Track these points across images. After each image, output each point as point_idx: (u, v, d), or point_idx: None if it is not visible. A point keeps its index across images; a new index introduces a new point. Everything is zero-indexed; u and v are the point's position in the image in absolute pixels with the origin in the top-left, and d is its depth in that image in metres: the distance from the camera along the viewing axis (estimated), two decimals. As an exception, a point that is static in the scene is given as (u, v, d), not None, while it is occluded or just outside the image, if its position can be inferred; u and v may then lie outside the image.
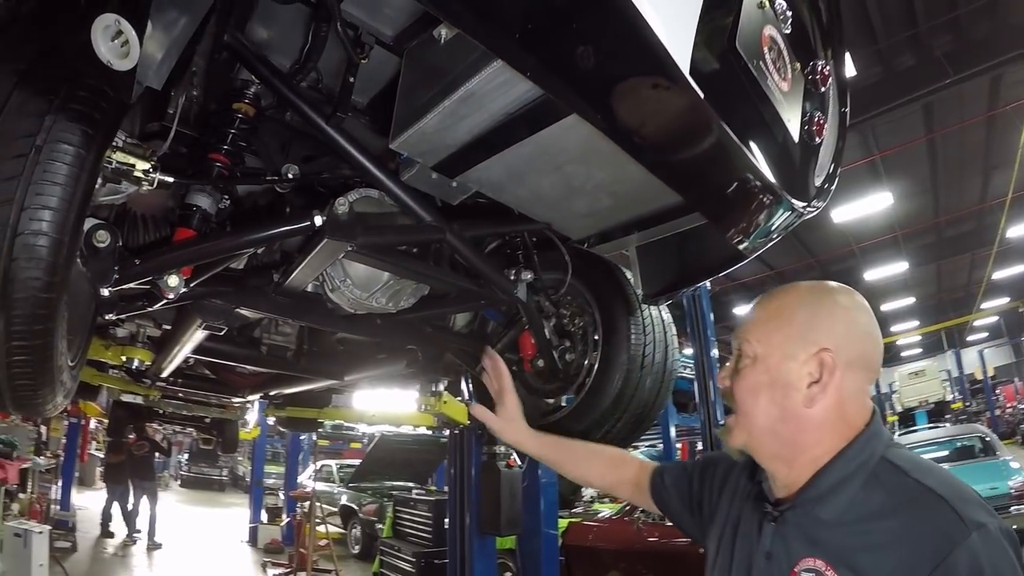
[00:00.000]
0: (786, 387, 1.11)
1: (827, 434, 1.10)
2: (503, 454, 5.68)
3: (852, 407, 1.11)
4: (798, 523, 1.09)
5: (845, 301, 1.15)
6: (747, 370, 1.16)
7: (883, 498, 1.01)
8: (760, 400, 1.14)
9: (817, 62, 1.64)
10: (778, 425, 1.12)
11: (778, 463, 1.15)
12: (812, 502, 1.08)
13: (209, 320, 1.85)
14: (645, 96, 1.16)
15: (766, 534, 1.14)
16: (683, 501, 1.46)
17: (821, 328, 1.11)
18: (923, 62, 10.17)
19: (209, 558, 10.72)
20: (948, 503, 0.95)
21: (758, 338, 1.16)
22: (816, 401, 1.09)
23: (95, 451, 18.52)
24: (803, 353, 1.10)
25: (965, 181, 15.08)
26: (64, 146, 1.04)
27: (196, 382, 4.11)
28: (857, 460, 1.06)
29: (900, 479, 1.02)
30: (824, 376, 1.08)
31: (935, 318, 25.75)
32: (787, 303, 1.18)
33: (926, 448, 10.61)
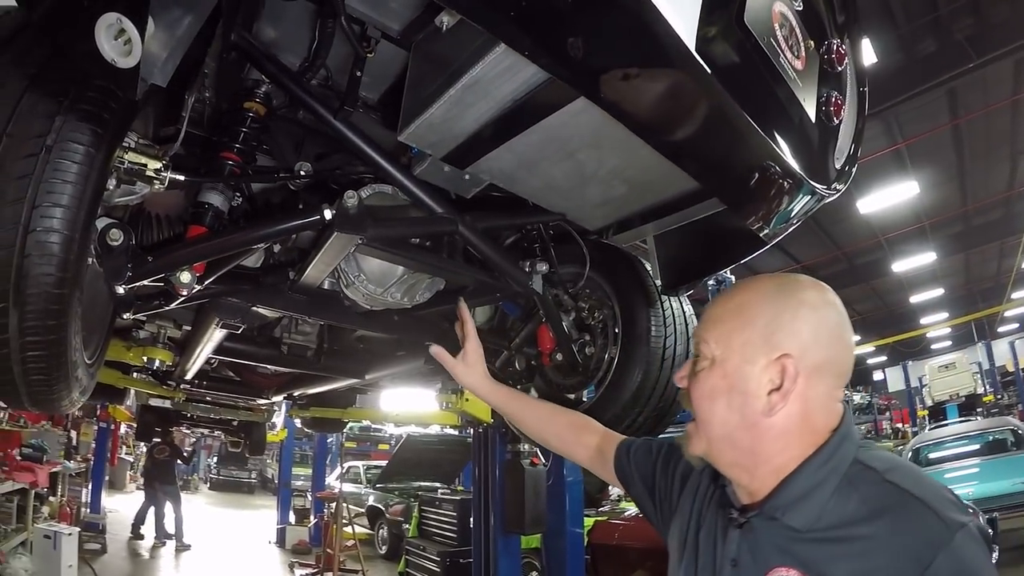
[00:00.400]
0: (745, 394, 1.02)
1: (791, 443, 1.02)
2: (527, 452, 5.67)
3: (819, 415, 1.02)
4: (767, 530, 1.02)
5: (813, 300, 1.05)
6: (704, 373, 1.08)
7: (858, 503, 0.95)
8: (717, 407, 1.06)
9: (832, 41, 1.60)
10: (737, 433, 1.04)
11: (738, 471, 1.08)
12: (780, 510, 1.01)
13: (226, 318, 1.86)
14: (650, 73, 1.15)
15: (732, 540, 1.07)
16: (645, 484, 1.39)
17: (784, 330, 1.02)
18: (945, 47, 9.97)
19: (237, 559, 10.84)
20: (927, 505, 0.90)
21: (716, 339, 1.07)
22: (776, 409, 1.00)
23: (125, 455, 18.83)
24: (764, 358, 1.02)
25: (992, 167, 14.77)
26: (74, 145, 1.07)
27: (221, 384, 4.19)
28: (827, 467, 0.99)
29: (875, 483, 0.96)
30: (785, 383, 1.00)
31: (965, 309, 25.26)
32: (749, 301, 1.08)
33: (957, 442, 10.42)
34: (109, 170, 1.18)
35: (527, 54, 1.04)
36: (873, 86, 1.98)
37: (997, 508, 7.38)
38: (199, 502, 18.34)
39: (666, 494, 1.32)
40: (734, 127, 1.29)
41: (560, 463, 5.82)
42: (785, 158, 1.43)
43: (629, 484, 1.44)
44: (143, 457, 14.03)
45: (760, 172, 1.47)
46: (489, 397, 1.69)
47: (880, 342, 26.09)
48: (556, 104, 1.30)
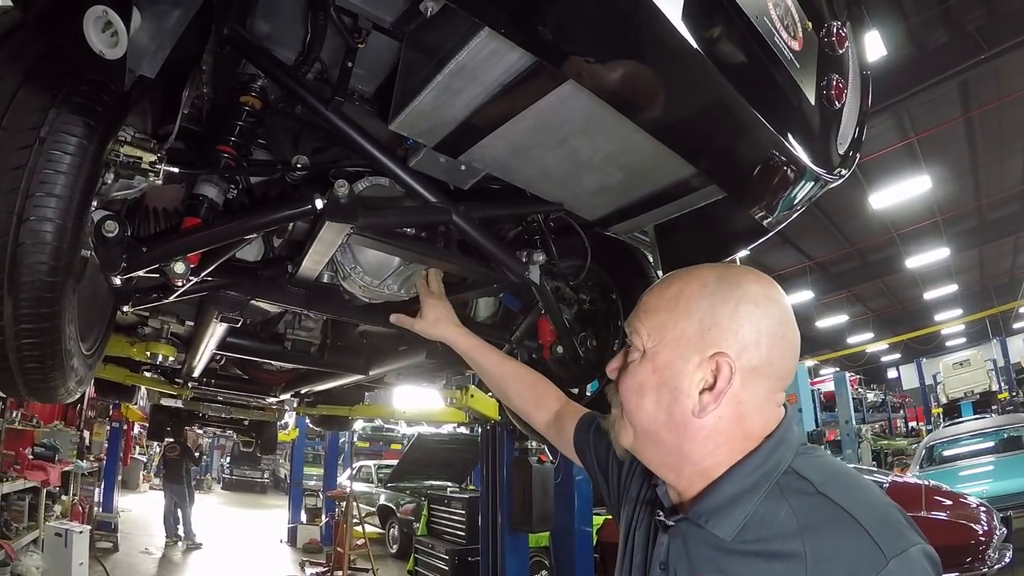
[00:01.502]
0: (675, 391, 0.96)
1: (720, 446, 0.96)
2: (535, 450, 5.66)
3: (754, 419, 0.96)
4: (693, 535, 0.97)
5: (755, 295, 0.96)
6: (634, 366, 1.01)
7: (788, 516, 0.87)
8: (645, 402, 0.99)
9: (832, 23, 1.57)
10: (663, 431, 0.98)
11: (664, 469, 1.02)
12: (705, 516, 0.95)
13: (224, 311, 1.87)
14: (631, 50, 1.13)
15: (661, 543, 1.03)
16: (599, 463, 1.35)
17: (721, 326, 0.95)
18: (956, 38, 9.86)
19: (248, 558, 10.92)
20: (862, 526, 0.82)
21: (649, 330, 1.00)
22: (708, 410, 0.94)
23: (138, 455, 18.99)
24: (698, 355, 0.95)
25: (1005, 161, 14.61)
26: (67, 136, 1.10)
27: (229, 382, 4.22)
28: (757, 473, 0.93)
29: (808, 495, 0.89)
30: (719, 383, 0.93)
31: (979, 306, 25.01)
32: (687, 291, 1.00)
33: (972, 439, 10.33)
34: (102, 161, 1.20)
35: (504, 32, 1.04)
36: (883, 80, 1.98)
37: (1012, 506, 7.32)
38: (212, 502, 18.49)
39: (617, 478, 1.28)
40: (726, 107, 1.27)
41: (569, 461, 5.78)
42: (783, 141, 1.41)
43: (584, 460, 1.41)
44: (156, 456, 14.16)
45: (757, 156, 1.46)
46: (455, 343, 1.70)
47: (894, 339, 25.97)
48: (544, 88, 1.29)
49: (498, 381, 1.64)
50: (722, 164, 1.49)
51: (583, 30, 1.08)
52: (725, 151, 1.44)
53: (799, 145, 1.46)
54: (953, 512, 5.72)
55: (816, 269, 19.18)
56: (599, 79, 1.15)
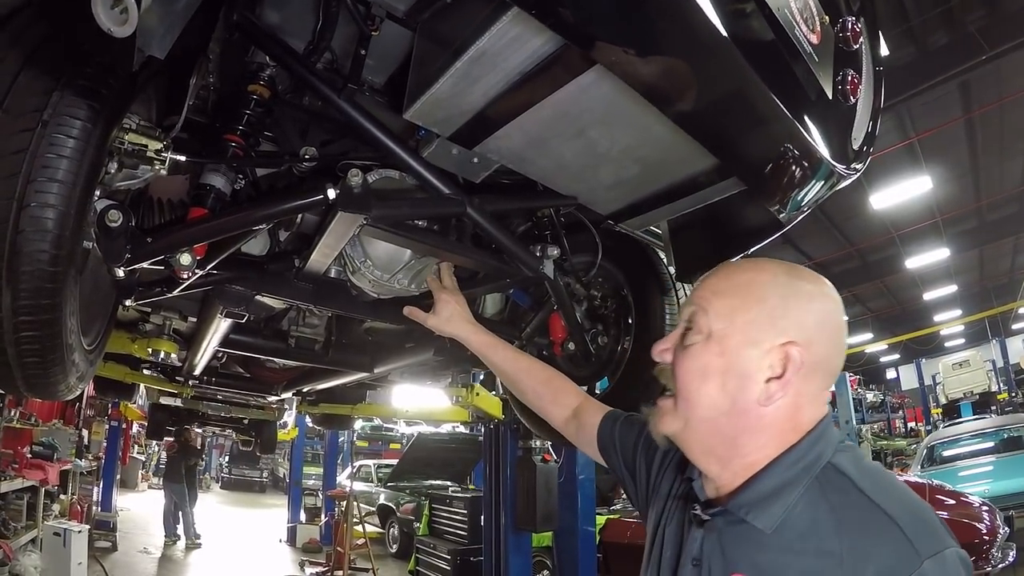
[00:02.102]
0: (743, 377, 0.94)
1: (773, 438, 0.95)
2: (539, 449, 5.64)
3: (806, 413, 0.96)
4: (730, 530, 0.96)
5: (820, 292, 0.98)
6: (697, 348, 0.98)
7: (826, 512, 0.88)
8: (708, 386, 0.97)
9: (848, 18, 1.55)
10: (723, 419, 0.96)
11: (710, 460, 1.00)
12: (745, 508, 0.94)
13: (230, 306, 1.83)
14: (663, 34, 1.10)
15: (694, 538, 1.01)
16: (625, 461, 1.33)
17: (792, 317, 0.95)
18: (957, 39, 9.86)
19: (247, 557, 10.87)
20: (899, 526, 0.82)
21: (718, 312, 0.98)
22: (774, 399, 0.93)
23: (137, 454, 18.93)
24: (768, 341, 0.94)
25: (1006, 162, 14.60)
26: (70, 120, 1.06)
27: (230, 380, 4.18)
28: (799, 465, 0.93)
29: (846, 492, 0.89)
30: (788, 372, 0.92)
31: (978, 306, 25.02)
32: (759, 280, 0.99)
33: (972, 439, 10.31)
34: (107, 147, 1.17)
35: (535, 13, 1.00)
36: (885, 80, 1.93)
37: (1013, 506, 7.30)
38: (211, 501, 18.42)
39: (646, 475, 1.26)
40: (751, 97, 1.24)
41: (572, 460, 5.79)
42: (804, 134, 1.38)
43: (609, 459, 1.38)
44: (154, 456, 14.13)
45: (779, 148, 1.42)
46: (469, 341, 1.68)
47: (893, 340, 25.96)
48: (566, 77, 1.25)
49: (513, 378, 1.62)
50: (744, 156, 1.46)
51: (615, 13, 1.04)
52: (748, 142, 1.41)
53: (818, 139, 1.44)
54: (956, 511, 5.70)
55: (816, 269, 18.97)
56: (628, 64, 1.11)
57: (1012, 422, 10.44)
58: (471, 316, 1.72)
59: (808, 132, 1.40)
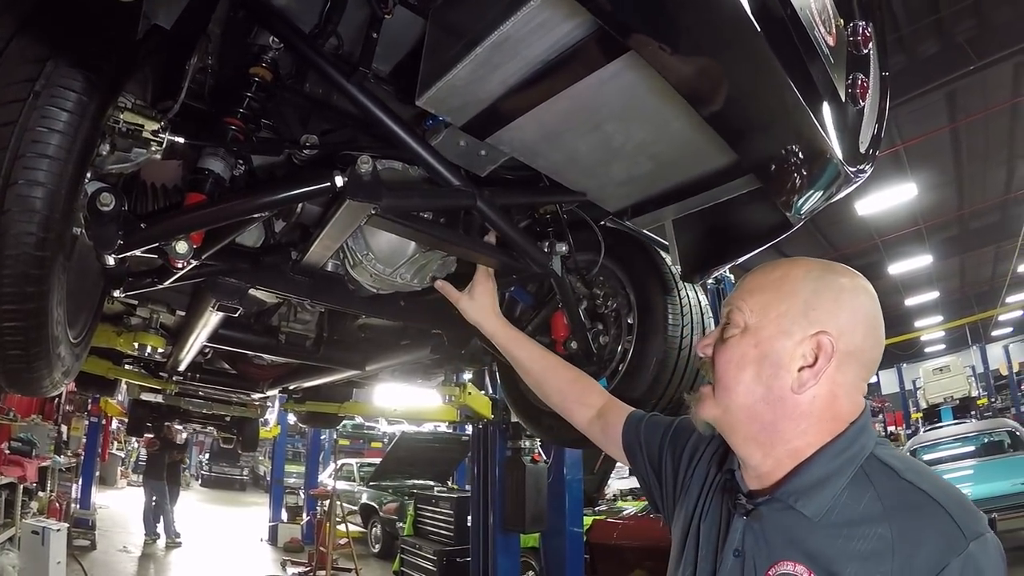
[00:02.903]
0: (776, 365, 0.99)
1: (812, 426, 0.99)
2: (528, 449, 5.60)
3: (843, 403, 1.00)
4: (775, 519, 0.98)
5: (855, 286, 1.03)
6: (734, 340, 1.04)
7: (873, 500, 0.92)
8: (744, 375, 1.02)
9: (859, 23, 1.55)
10: (760, 406, 1.01)
11: (752, 447, 1.04)
12: (793, 496, 0.97)
13: (223, 299, 1.76)
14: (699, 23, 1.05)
15: (735, 529, 1.03)
16: (651, 461, 1.34)
17: (824, 309, 1.00)
18: (946, 49, 9.98)
19: (228, 556, 10.74)
20: (945, 510, 0.87)
21: (752, 307, 1.04)
22: (806, 387, 0.98)
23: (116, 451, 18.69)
24: (800, 332, 0.99)
25: (989, 171, 14.79)
26: (65, 91, 0.98)
27: (214, 377, 4.09)
28: (845, 455, 0.96)
29: (892, 480, 0.93)
30: (820, 361, 0.97)
31: (959, 313, 25.37)
32: (791, 275, 1.05)
33: (953, 443, 10.42)
34: (103, 123, 1.09)
35: None
36: None
37: (994, 509, 7.36)
38: (191, 499, 18.15)
39: (672, 474, 1.28)
40: (778, 95, 1.21)
41: (560, 461, 5.75)
42: (823, 134, 1.37)
43: (635, 459, 1.39)
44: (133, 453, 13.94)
45: (798, 147, 1.40)
46: (495, 334, 1.66)
47: (874, 345, 26.18)
48: (589, 68, 1.21)
49: (538, 376, 1.61)
50: (764, 153, 1.42)
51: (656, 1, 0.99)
52: (770, 140, 1.37)
53: (834, 140, 1.42)
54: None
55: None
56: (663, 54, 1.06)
57: (993, 427, 10.59)
58: (499, 311, 1.70)
59: (826, 133, 1.38)
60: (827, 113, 1.40)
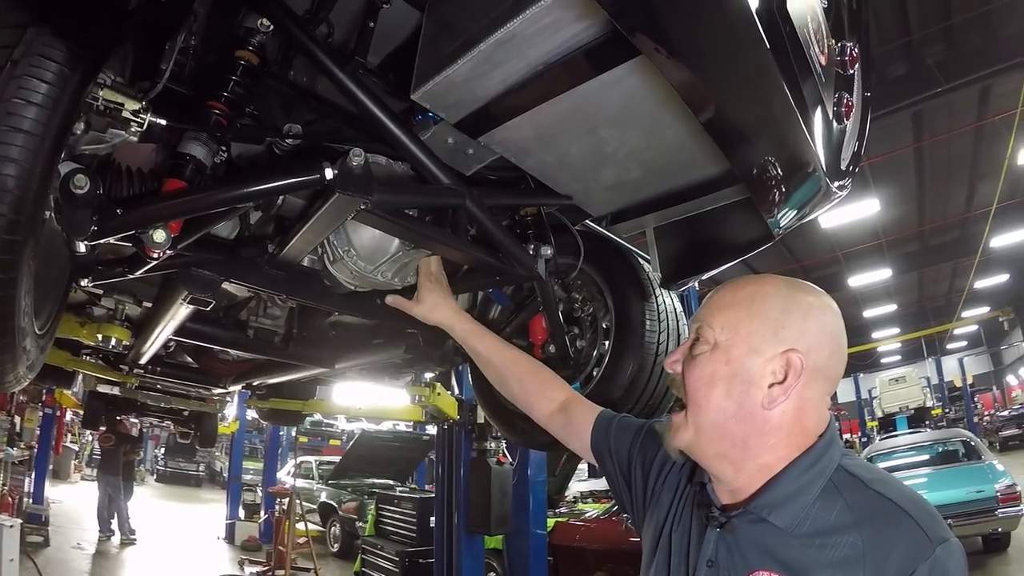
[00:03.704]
0: (747, 383, 1.01)
1: (782, 440, 1.01)
2: (493, 450, 5.58)
3: (811, 417, 1.02)
4: (749, 531, 1.00)
5: (821, 304, 1.05)
6: (704, 357, 1.05)
7: (844, 511, 0.94)
8: (715, 392, 1.03)
9: (847, 43, 1.57)
10: (731, 422, 1.01)
11: (724, 464, 1.05)
12: (766, 509, 0.99)
13: (196, 292, 1.69)
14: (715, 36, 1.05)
15: (709, 540, 1.04)
16: (620, 464, 1.34)
17: (793, 327, 1.01)
18: (915, 70, 10.24)
19: (185, 554, 10.48)
20: (912, 518, 0.90)
21: (722, 324, 1.05)
22: (777, 403, 0.99)
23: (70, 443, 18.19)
24: (771, 350, 1.00)
25: (951, 190, 15.23)
26: (45, 61, 0.91)
27: (176, 371, 3.96)
28: (815, 468, 0.99)
29: (860, 491, 0.96)
30: (790, 378, 0.99)
31: (916, 325, 26.06)
32: (761, 293, 1.06)
33: (908, 452, 10.64)
34: (83, 99, 1.02)
35: None
36: None
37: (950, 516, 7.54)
38: (145, 494, 17.73)
39: (643, 480, 1.28)
40: (777, 108, 1.22)
41: (525, 462, 5.75)
42: (813, 150, 1.39)
43: (602, 461, 1.38)
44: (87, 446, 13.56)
45: (789, 160, 1.42)
46: (453, 328, 1.65)
47: (833, 355, 26.73)
48: (592, 72, 1.19)
49: (498, 368, 1.59)
50: (755, 164, 1.42)
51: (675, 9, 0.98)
52: (763, 151, 1.38)
53: (820, 156, 1.45)
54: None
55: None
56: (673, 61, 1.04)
57: (948, 436, 10.82)
58: (456, 305, 1.68)
59: (816, 148, 1.40)
60: (817, 129, 1.42)
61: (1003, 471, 8.49)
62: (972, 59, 9.83)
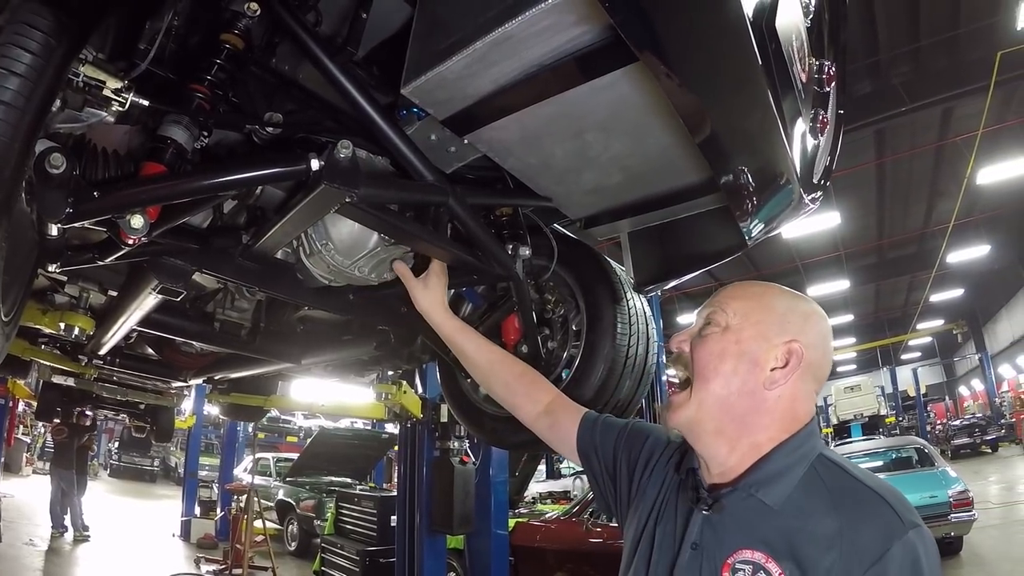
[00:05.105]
0: (753, 363, 1.10)
1: (774, 423, 1.10)
2: (456, 450, 5.56)
3: (801, 407, 1.12)
4: (737, 509, 1.07)
5: (816, 311, 1.18)
6: (714, 336, 1.14)
7: (825, 494, 1.02)
8: (724, 366, 1.12)
9: (824, 62, 1.62)
10: (734, 398, 1.10)
11: (720, 441, 1.12)
12: (756, 486, 1.06)
13: (166, 281, 1.65)
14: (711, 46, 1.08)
15: (694, 523, 1.10)
16: (606, 462, 1.38)
17: (796, 323, 1.13)
18: (880, 89, 10.52)
19: (139, 552, 10.23)
20: (888, 503, 0.98)
21: (735, 311, 1.15)
22: (777, 385, 1.09)
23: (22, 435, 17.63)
24: (776, 338, 1.11)
25: (910, 207, 15.65)
26: (30, 30, 0.87)
27: (136, 363, 3.86)
28: (800, 451, 1.08)
29: (841, 477, 1.04)
30: (791, 363, 1.09)
31: (872, 336, 26.71)
32: (768, 293, 1.19)
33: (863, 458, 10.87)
34: (67, 72, 0.98)
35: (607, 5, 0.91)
36: None
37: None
38: (99, 490, 17.24)
39: (628, 478, 1.32)
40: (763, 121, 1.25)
41: (487, 463, 5.74)
42: (791, 163, 1.42)
43: (588, 461, 1.41)
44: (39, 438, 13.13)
45: (768, 172, 1.45)
46: (442, 326, 1.65)
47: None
48: (588, 76, 1.20)
49: (485, 368, 1.61)
50: (735, 173, 1.44)
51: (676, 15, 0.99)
52: (744, 161, 1.40)
53: (796, 168, 1.48)
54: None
55: (720, 288, 20.02)
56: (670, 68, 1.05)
57: (902, 443, 11.10)
58: (447, 303, 1.69)
59: (793, 161, 1.43)
60: (795, 143, 1.45)
61: (956, 477, 8.72)
62: (937, 81, 10.15)
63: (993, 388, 26.37)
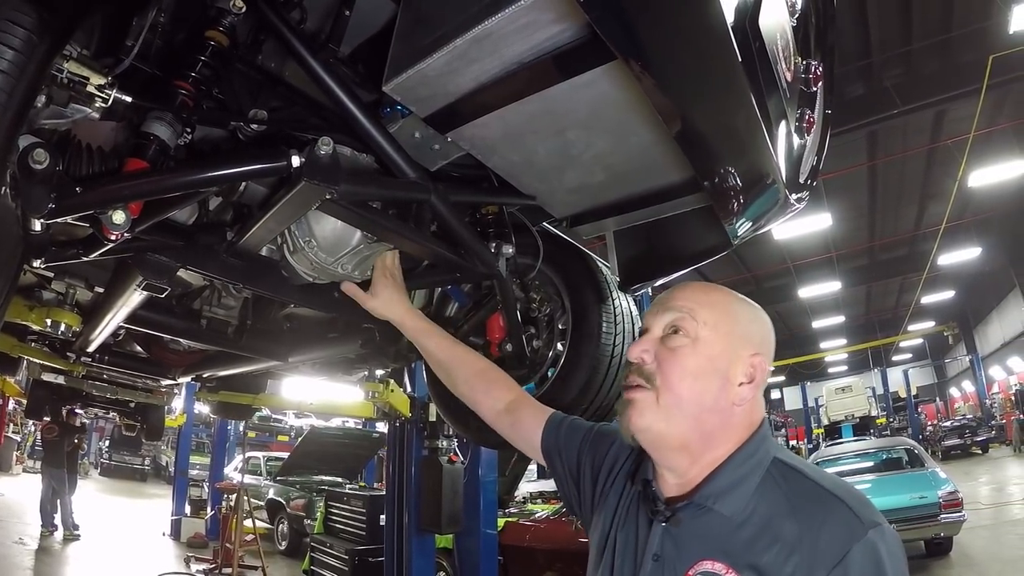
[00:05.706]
0: (725, 379, 1.08)
1: (734, 435, 1.09)
2: (445, 449, 5.57)
3: (757, 414, 1.12)
4: (693, 523, 1.05)
5: (764, 316, 1.18)
6: (687, 350, 1.09)
7: (782, 500, 1.01)
8: (699, 385, 1.08)
9: (811, 61, 1.62)
10: (705, 414, 1.07)
11: (682, 456, 1.10)
12: (712, 498, 1.05)
13: (151, 278, 1.65)
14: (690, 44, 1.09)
15: (655, 534, 1.08)
16: (569, 465, 1.36)
17: (757, 333, 1.13)
18: (873, 92, 10.59)
19: (130, 551, 10.20)
20: (845, 504, 0.96)
21: (705, 321, 1.10)
22: (744, 401, 1.08)
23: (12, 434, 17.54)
24: (745, 352, 1.09)
25: (902, 208, 15.72)
26: (12, 27, 0.87)
27: (124, 360, 3.84)
28: (754, 458, 1.06)
29: (797, 480, 1.03)
30: (757, 379, 1.09)
31: (863, 337, 26.83)
32: (730, 300, 1.16)
33: (854, 459, 10.91)
34: (50, 69, 0.98)
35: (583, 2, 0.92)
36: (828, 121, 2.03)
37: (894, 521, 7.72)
38: (89, 488, 17.17)
39: (591, 482, 1.30)
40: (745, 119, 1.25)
41: (476, 462, 5.75)
42: (775, 162, 1.43)
43: (552, 463, 1.39)
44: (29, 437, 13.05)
45: (752, 172, 1.45)
46: (403, 324, 1.66)
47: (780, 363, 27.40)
48: (568, 74, 1.21)
49: (447, 365, 1.60)
50: (719, 172, 1.46)
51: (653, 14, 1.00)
52: (727, 161, 1.41)
53: (781, 168, 1.48)
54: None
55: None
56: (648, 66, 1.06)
57: (892, 444, 11.10)
58: (409, 302, 1.69)
59: (777, 161, 1.44)
60: (780, 143, 1.46)
61: (946, 478, 8.74)
62: (929, 84, 10.21)
63: (984, 390, 26.52)
